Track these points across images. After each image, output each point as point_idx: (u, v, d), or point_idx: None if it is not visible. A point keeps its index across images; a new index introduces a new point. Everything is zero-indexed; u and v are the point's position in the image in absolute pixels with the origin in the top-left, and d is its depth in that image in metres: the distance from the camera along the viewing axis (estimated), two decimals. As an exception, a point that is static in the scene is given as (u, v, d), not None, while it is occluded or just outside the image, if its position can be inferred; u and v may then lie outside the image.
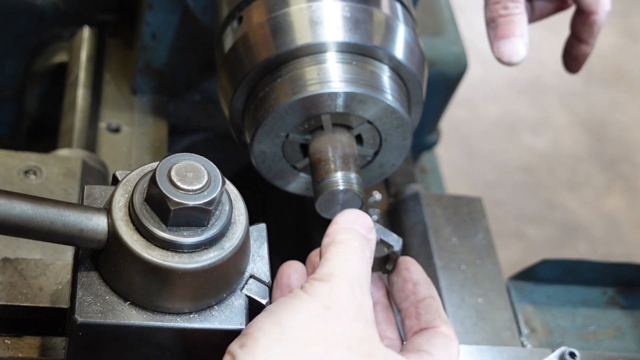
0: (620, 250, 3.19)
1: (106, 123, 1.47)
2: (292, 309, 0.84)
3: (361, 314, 0.87)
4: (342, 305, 0.86)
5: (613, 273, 1.41)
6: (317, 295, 0.86)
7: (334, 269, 0.89)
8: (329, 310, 0.85)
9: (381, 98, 1.10)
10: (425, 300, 1.01)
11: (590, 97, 3.75)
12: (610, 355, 1.23)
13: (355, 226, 0.96)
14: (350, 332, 0.84)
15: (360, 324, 0.86)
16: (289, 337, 0.82)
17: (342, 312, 0.85)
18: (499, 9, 1.17)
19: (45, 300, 0.96)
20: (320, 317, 0.84)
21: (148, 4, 1.42)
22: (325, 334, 0.83)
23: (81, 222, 0.84)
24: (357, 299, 0.87)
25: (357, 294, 0.88)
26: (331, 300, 0.86)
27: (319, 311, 0.84)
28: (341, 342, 0.83)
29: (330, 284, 0.87)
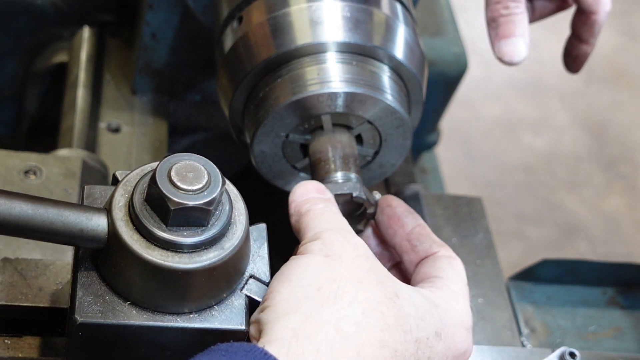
0: (620, 250, 3.19)
1: (106, 123, 1.47)
2: (296, 266, 0.88)
3: (359, 251, 0.91)
4: (338, 250, 0.90)
5: (613, 273, 1.41)
6: (314, 250, 0.90)
7: (316, 229, 0.93)
8: (329, 257, 0.89)
9: (381, 98, 1.10)
10: (414, 230, 1.04)
11: (591, 97, 3.75)
12: (610, 355, 1.23)
13: (309, 195, 1.00)
14: (355, 268, 0.88)
15: (362, 260, 0.90)
16: (301, 287, 0.86)
17: (341, 255, 0.89)
18: (500, 9, 1.17)
19: (45, 300, 0.96)
20: (324, 264, 0.88)
21: (148, 4, 1.41)
22: (333, 276, 0.87)
23: (81, 222, 0.84)
24: (351, 242, 0.91)
25: (347, 237, 0.92)
26: (327, 249, 0.90)
27: (320, 260, 0.88)
28: (349, 278, 0.87)
29: (320, 239, 0.91)
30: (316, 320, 0.82)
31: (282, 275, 0.88)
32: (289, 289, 0.86)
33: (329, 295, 0.85)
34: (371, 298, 0.86)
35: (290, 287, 0.86)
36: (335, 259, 0.89)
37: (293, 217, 0.98)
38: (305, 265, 0.88)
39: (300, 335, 0.81)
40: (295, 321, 0.82)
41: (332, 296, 0.85)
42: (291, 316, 0.83)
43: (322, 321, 0.82)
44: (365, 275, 0.88)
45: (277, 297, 0.85)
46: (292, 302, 0.84)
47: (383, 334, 0.84)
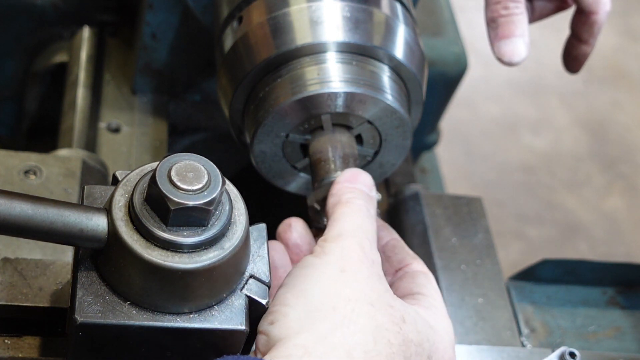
0: (620, 250, 3.19)
1: (106, 123, 1.47)
2: (310, 278, 0.89)
3: (374, 270, 0.91)
4: (355, 265, 0.90)
5: (613, 273, 1.41)
6: (330, 259, 0.90)
7: (342, 230, 0.94)
8: (345, 272, 0.89)
9: (381, 98, 1.10)
10: (389, 243, 1.07)
11: (591, 97, 3.75)
12: (610, 355, 1.23)
13: (359, 185, 1.01)
14: (369, 289, 0.89)
15: (375, 280, 0.90)
16: (316, 305, 0.86)
17: (357, 272, 0.89)
18: (499, 9, 1.17)
19: (45, 300, 0.96)
20: (339, 280, 0.88)
21: (148, 4, 1.42)
22: (347, 295, 0.87)
23: (81, 222, 0.84)
24: (368, 257, 0.92)
25: (367, 251, 0.92)
26: (344, 262, 0.90)
27: (336, 275, 0.89)
28: (363, 299, 0.87)
29: (340, 245, 0.92)
30: (329, 343, 0.83)
31: (295, 288, 0.89)
32: (302, 304, 0.87)
33: (343, 318, 0.86)
34: (381, 325, 0.87)
35: (305, 303, 0.87)
36: (350, 275, 0.89)
37: (332, 197, 1.00)
38: (319, 278, 0.89)
39: (312, 355, 0.82)
40: (308, 340, 0.83)
41: (346, 319, 0.85)
42: (304, 335, 0.84)
43: (334, 344, 0.83)
44: (377, 298, 0.88)
45: (290, 312, 0.86)
46: (305, 320, 0.85)
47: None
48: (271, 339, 0.86)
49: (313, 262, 0.91)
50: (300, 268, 0.91)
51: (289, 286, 0.89)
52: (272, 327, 0.87)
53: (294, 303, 0.87)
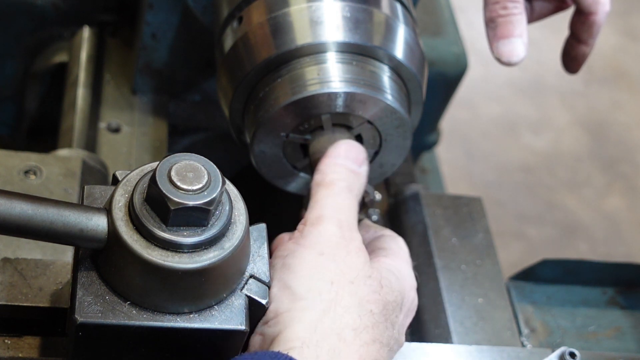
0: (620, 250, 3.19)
1: (106, 123, 1.47)
2: (291, 268, 0.93)
3: (351, 247, 0.95)
4: (333, 246, 0.94)
5: (613, 273, 1.41)
6: (309, 243, 0.95)
7: (322, 212, 0.98)
8: (324, 255, 0.93)
9: (381, 98, 1.10)
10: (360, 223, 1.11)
11: (591, 97, 3.75)
12: (610, 355, 1.23)
13: (347, 161, 1.04)
14: (347, 268, 0.93)
15: (353, 256, 0.95)
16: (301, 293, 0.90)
17: (335, 254, 0.94)
18: (498, 9, 1.17)
19: (45, 300, 0.96)
20: (319, 264, 0.93)
21: (148, 4, 1.42)
22: (330, 278, 0.92)
23: (81, 222, 0.84)
24: (346, 237, 0.96)
25: (345, 232, 0.96)
26: (322, 245, 0.94)
27: (316, 259, 0.93)
28: (344, 279, 0.92)
29: (318, 228, 0.96)
30: (321, 331, 0.88)
31: (279, 282, 0.92)
32: (288, 296, 0.91)
33: (329, 302, 0.90)
34: (363, 298, 0.92)
35: (290, 294, 0.91)
36: (329, 257, 0.93)
37: (317, 174, 1.03)
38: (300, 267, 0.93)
39: (309, 344, 0.86)
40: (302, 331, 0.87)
41: (332, 303, 0.90)
42: (297, 326, 0.88)
43: (325, 331, 0.88)
44: (356, 275, 0.93)
45: (279, 307, 0.90)
46: (294, 312, 0.89)
47: (374, 330, 0.91)
48: (266, 337, 0.89)
49: (292, 249, 0.95)
50: (280, 258, 0.95)
51: (276, 280, 0.93)
52: (267, 327, 0.90)
53: (280, 297, 0.91)
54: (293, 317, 0.89)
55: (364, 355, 0.88)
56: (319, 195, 1.01)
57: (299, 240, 0.96)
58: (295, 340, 0.86)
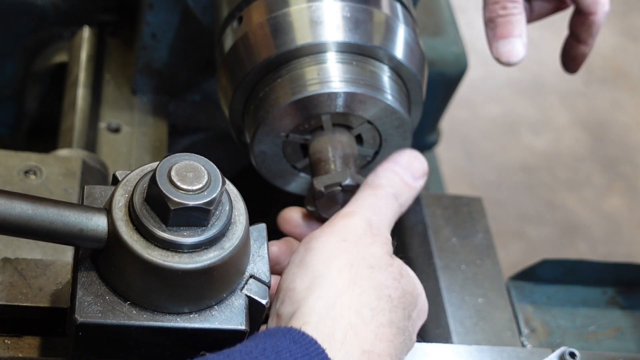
0: (620, 250, 3.19)
1: (106, 123, 1.47)
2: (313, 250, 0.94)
3: (375, 240, 0.97)
4: (357, 236, 0.96)
5: (613, 273, 1.41)
6: (334, 230, 0.96)
7: (356, 207, 1.00)
8: (346, 241, 0.95)
9: (381, 98, 1.10)
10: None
11: (591, 97, 3.74)
12: (610, 355, 1.23)
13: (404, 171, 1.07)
14: (368, 254, 0.95)
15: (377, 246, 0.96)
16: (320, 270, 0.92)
17: (357, 242, 0.95)
18: (497, 9, 1.17)
19: (45, 300, 0.96)
20: (341, 248, 0.94)
21: (148, 4, 1.42)
22: (350, 260, 0.93)
23: (81, 222, 0.84)
24: (373, 232, 0.97)
25: (373, 229, 0.98)
26: (346, 233, 0.96)
27: (338, 243, 0.95)
28: (363, 264, 0.93)
29: (346, 220, 0.98)
30: (339, 306, 0.88)
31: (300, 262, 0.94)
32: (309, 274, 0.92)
33: (348, 281, 0.91)
34: (381, 282, 0.93)
35: (310, 271, 0.92)
36: (351, 243, 0.95)
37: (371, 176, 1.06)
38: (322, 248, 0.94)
39: (327, 319, 0.87)
40: (320, 307, 0.88)
41: (351, 282, 0.91)
42: (314, 302, 0.89)
43: (344, 307, 0.89)
44: (376, 262, 0.94)
45: (298, 284, 0.91)
46: (313, 288, 0.90)
47: (391, 314, 0.91)
48: (283, 317, 0.90)
49: (316, 235, 0.96)
50: (304, 244, 0.97)
51: (294, 262, 0.94)
52: (283, 305, 0.91)
53: (300, 274, 0.92)
54: (310, 294, 0.89)
55: (380, 336, 0.89)
56: (360, 194, 1.03)
57: (324, 228, 0.97)
58: (312, 315, 0.87)
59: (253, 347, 0.81)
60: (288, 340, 0.82)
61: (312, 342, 0.83)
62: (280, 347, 0.81)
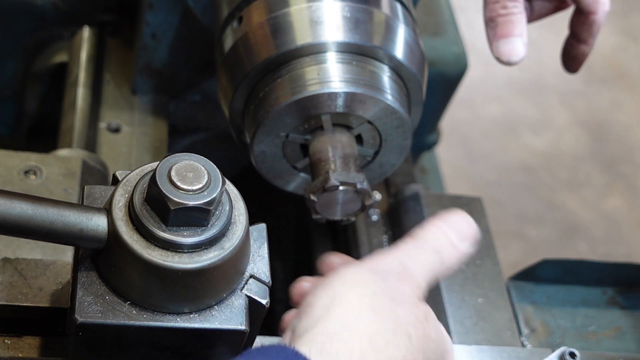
0: (620, 250, 3.19)
1: (106, 123, 1.47)
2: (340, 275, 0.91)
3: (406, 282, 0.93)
4: (386, 270, 0.93)
5: (613, 273, 1.41)
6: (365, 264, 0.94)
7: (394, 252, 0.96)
8: (375, 274, 0.91)
9: (381, 98, 1.10)
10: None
11: (591, 97, 3.74)
12: (610, 355, 1.23)
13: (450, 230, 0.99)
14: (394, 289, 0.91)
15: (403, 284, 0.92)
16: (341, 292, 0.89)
17: (386, 277, 0.92)
18: (498, 9, 1.17)
19: (45, 300, 0.96)
20: (369, 277, 0.91)
21: (148, 4, 1.42)
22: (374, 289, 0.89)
23: (81, 222, 0.84)
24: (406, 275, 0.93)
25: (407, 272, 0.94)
26: (377, 266, 0.93)
27: (365, 273, 0.91)
28: (387, 295, 0.89)
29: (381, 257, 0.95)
30: (351, 329, 0.85)
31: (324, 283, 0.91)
32: (329, 294, 0.89)
33: (367, 306, 0.87)
34: (401, 318, 0.88)
35: (331, 292, 0.89)
36: (377, 273, 0.92)
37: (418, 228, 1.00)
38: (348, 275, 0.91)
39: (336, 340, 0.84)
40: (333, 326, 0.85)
41: (370, 308, 0.87)
42: (328, 322, 0.86)
43: (357, 330, 0.85)
44: (400, 296, 0.90)
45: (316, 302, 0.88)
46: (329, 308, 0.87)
47: (406, 353, 0.87)
48: (297, 332, 0.87)
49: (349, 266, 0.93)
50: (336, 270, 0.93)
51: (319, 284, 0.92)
52: (299, 319, 0.88)
53: (320, 294, 0.89)
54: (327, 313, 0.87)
55: None
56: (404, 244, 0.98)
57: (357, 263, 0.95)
58: (322, 335, 0.85)
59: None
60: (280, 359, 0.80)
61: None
62: None
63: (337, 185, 1.07)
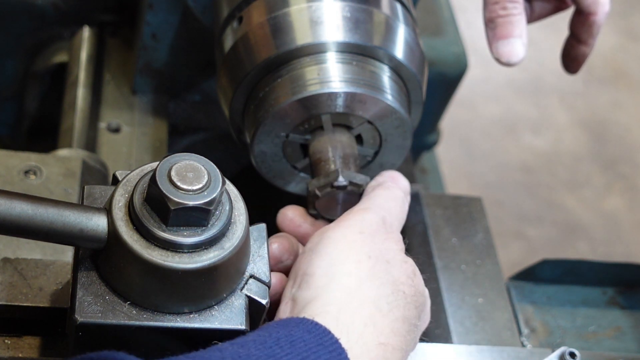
0: (620, 250, 3.19)
1: (106, 123, 1.47)
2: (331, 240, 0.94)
3: (390, 236, 0.98)
4: (373, 229, 0.96)
5: (613, 273, 1.41)
6: (349, 224, 0.97)
7: (370, 204, 1.01)
8: (363, 234, 0.95)
9: (381, 98, 1.10)
10: None
11: (591, 97, 3.74)
12: (610, 355, 1.23)
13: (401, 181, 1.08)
14: (385, 249, 0.95)
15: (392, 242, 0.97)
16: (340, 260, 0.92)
17: (374, 235, 0.96)
18: (497, 10, 1.17)
19: (45, 300, 0.96)
20: (358, 240, 0.94)
21: (148, 4, 1.42)
22: (368, 252, 0.93)
23: (81, 222, 0.84)
24: (387, 228, 0.98)
25: (387, 224, 0.99)
26: (363, 226, 0.96)
27: (355, 236, 0.95)
28: (381, 256, 0.94)
29: (362, 215, 0.98)
30: (359, 297, 0.89)
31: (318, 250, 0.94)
32: (327, 262, 0.92)
33: (367, 272, 0.91)
34: (397, 279, 0.93)
35: (329, 260, 0.92)
36: (367, 236, 0.95)
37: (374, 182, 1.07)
38: (340, 240, 0.94)
39: (347, 310, 0.87)
40: (339, 296, 0.88)
41: (370, 273, 0.91)
42: (333, 292, 0.88)
43: (363, 298, 0.89)
44: (392, 257, 0.95)
45: (316, 271, 0.91)
46: (332, 277, 0.90)
47: (405, 310, 0.92)
48: (299, 302, 0.89)
49: (333, 227, 0.97)
50: (319, 234, 0.97)
51: (311, 250, 0.94)
52: (300, 290, 0.90)
53: (318, 263, 0.92)
54: (329, 282, 0.89)
55: (395, 331, 0.89)
56: (372, 193, 1.03)
57: (340, 221, 0.97)
58: (332, 305, 0.87)
59: (267, 337, 0.81)
60: (302, 330, 0.82)
61: (326, 332, 0.83)
62: (294, 337, 0.81)
63: (345, 185, 1.07)
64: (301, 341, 0.81)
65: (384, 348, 0.87)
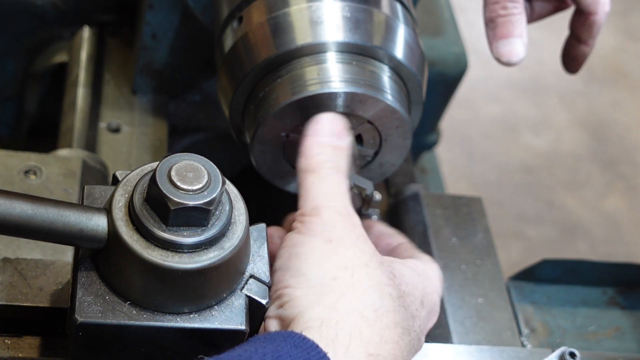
0: (620, 250, 3.19)
1: (106, 123, 1.47)
2: (301, 256, 0.91)
3: (357, 233, 0.94)
4: (339, 232, 0.93)
5: (613, 273, 1.41)
6: (314, 232, 0.93)
7: (315, 201, 0.96)
8: (332, 242, 0.92)
9: (381, 98, 1.10)
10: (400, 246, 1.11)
11: (591, 97, 3.75)
12: (610, 355, 1.23)
13: (330, 138, 1.02)
14: (360, 252, 0.92)
15: (361, 242, 0.94)
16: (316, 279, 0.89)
17: (343, 239, 0.92)
18: (497, 9, 1.17)
19: (45, 300, 0.96)
20: (330, 251, 0.91)
21: (148, 4, 1.42)
22: (342, 263, 0.90)
23: (81, 222, 0.84)
24: (348, 221, 0.95)
25: (345, 216, 0.95)
26: (328, 232, 0.93)
27: (324, 247, 0.92)
28: (358, 263, 0.91)
29: (320, 217, 0.94)
30: (341, 310, 0.86)
31: (290, 269, 0.91)
32: (304, 283, 0.89)
33: (347, 285, 0.89)
34: (379, 281, 0.90)
35: (305, 280, 0.89)
36: (338, 243, 0.92)
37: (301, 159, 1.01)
38: (311, 255, 0.91)
39: (329, 323, 0.85)
40: (322, 312, 0.86)
41: (350, 285, 0.89)
42: (315, 308, 0.87)
43: (346, 310, 0.87)
44: (369, 259, 0.92)
45: (295, 292, 0.89)
46: (312, 295, 0.88)
47: (394, 315, 0.89)
48: (284, 319, 0.88)
49: (299, 239, 0.93)
50: (287, 248, 0.94)
51: (284, 269, 0.92)
52: (283, 309, 0.89)
53: (295, 283, 0.89)
54: (311, 300, 0.87)
55: (386, 338, 0.87)
56: (307, 184, 0.99)
57: (302, 230, 0.94)
58: (314, 320, 0.85)
59: (252, 352, 0.80)
60: (289, 345, 0.81)
61: (314, 347, 0.81)
62: (281, 352, 0.80)
63: (351, 187, 1.07)
64: (288, 356, 0.80)
65: (374, 359, 0.85)
